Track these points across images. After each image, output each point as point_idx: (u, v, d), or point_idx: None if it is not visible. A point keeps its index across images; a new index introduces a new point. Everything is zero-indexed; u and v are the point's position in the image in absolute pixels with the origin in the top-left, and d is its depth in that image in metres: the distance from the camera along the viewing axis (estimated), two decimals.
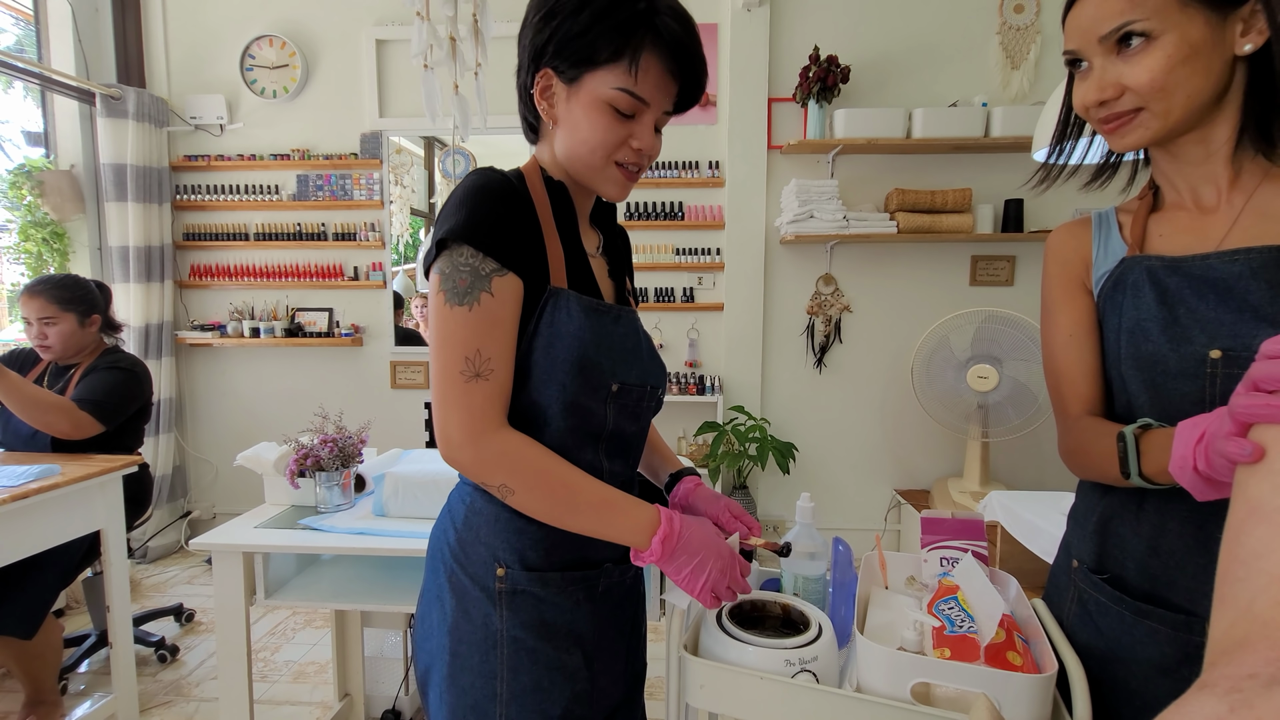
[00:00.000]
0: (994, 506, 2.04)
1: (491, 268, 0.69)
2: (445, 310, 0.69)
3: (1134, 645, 0.69)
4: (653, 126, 0.75)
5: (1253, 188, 0.67)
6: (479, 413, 0.69)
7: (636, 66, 0.70)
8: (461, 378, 0.68)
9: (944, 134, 2.73)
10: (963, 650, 0.72)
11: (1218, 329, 0.63)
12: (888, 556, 0.96)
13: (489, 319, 0.69)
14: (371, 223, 3.22)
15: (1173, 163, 0.71)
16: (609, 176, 0.77)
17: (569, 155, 0.76)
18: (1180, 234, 0.70)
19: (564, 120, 0.75)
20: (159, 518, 3.18)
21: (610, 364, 0.77)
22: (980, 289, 3.02)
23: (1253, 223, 0.65)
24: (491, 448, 0.70)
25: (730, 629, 0.77)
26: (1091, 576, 0.74)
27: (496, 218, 0.70)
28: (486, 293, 0.69)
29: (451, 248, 0.70)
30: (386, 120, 3.17)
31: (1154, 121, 0.65)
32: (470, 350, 0.68)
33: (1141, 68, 0.63)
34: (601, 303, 0.78)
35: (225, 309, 3.30)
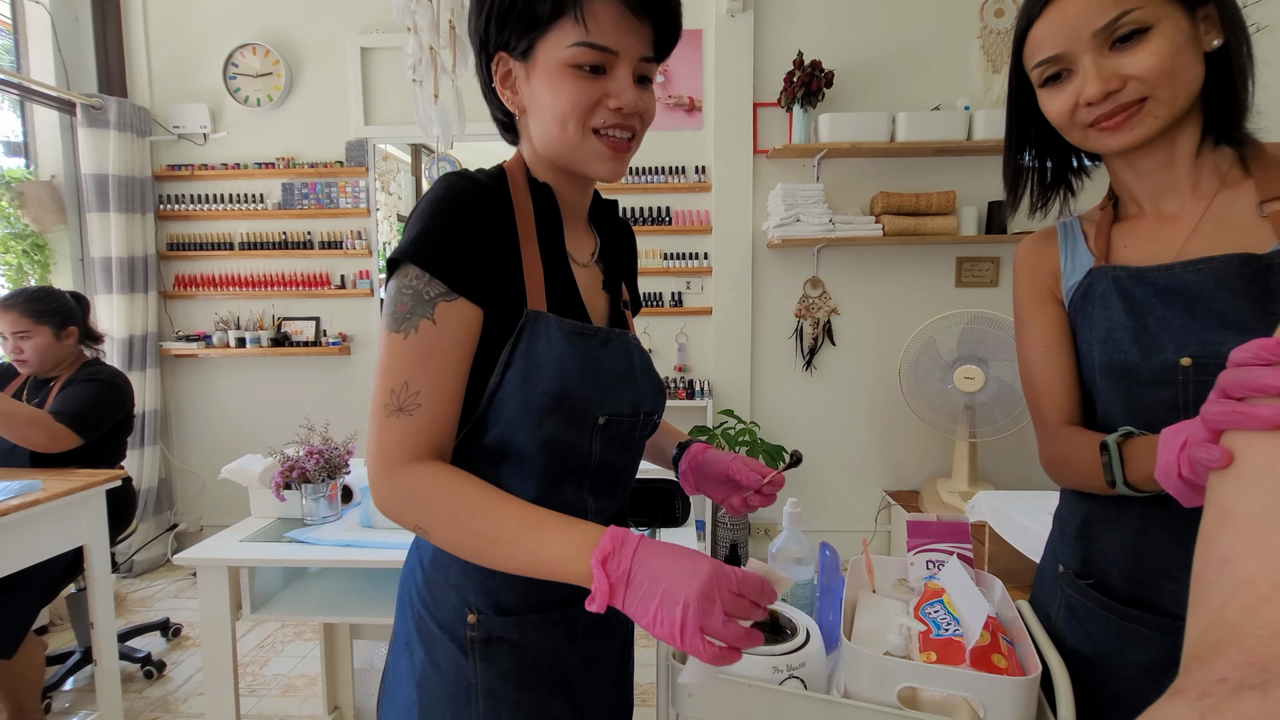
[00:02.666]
0: (981, 507, 2.05)
1: (437, 292, 0.61)
2: (384, 336, 0.63)
3: (1121, 649, 0.70)
4: (630, 78, 0.65)
5: (1211, 195, 0.67)
6: (390, 450, 0.61)
7: (582, 13, 0.61)
8: (384, 411, 0.61)
9: (927, 137, 2.76)
10: (948, 653, 0.72)
11: (1186, 337, 0.64)
12: (875, 560, 0.97)
13: (425, 349, 0.61)
14: (358, 231, 3.20)
15: (1131, 173, 0.71)
16: (591, 150, 0.66)
17: (545, 140, 0.67)
18: (1143, 243, 0.71)
19: (530, 103, 0.67)
20: (145, 531, 3.13)
21: (597, 394, 0.69)
22: (965, 290, 3.04)
23: (1212, 230, 0.66)
24: (397, 484, 0.61)
25: None
26: (1077, 582, 0.75)
27: (451, 235, 0.62)
28: (427, 319, 0.61)
29: (401, 268, 0.63)
30: (372, 128, 3.16)
31: (1161, 109, 0.64)
32: (397, 382, 0.61)
33: (1145, 54, 0.62)
34: (587, 326, 0.69)
35: (210, 319, 3.27)
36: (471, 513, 0.60)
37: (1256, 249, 0.63)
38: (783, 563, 0.88)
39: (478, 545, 0.60)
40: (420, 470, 0.61)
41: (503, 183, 0.69)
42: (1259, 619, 0.30)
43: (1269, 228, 0.63)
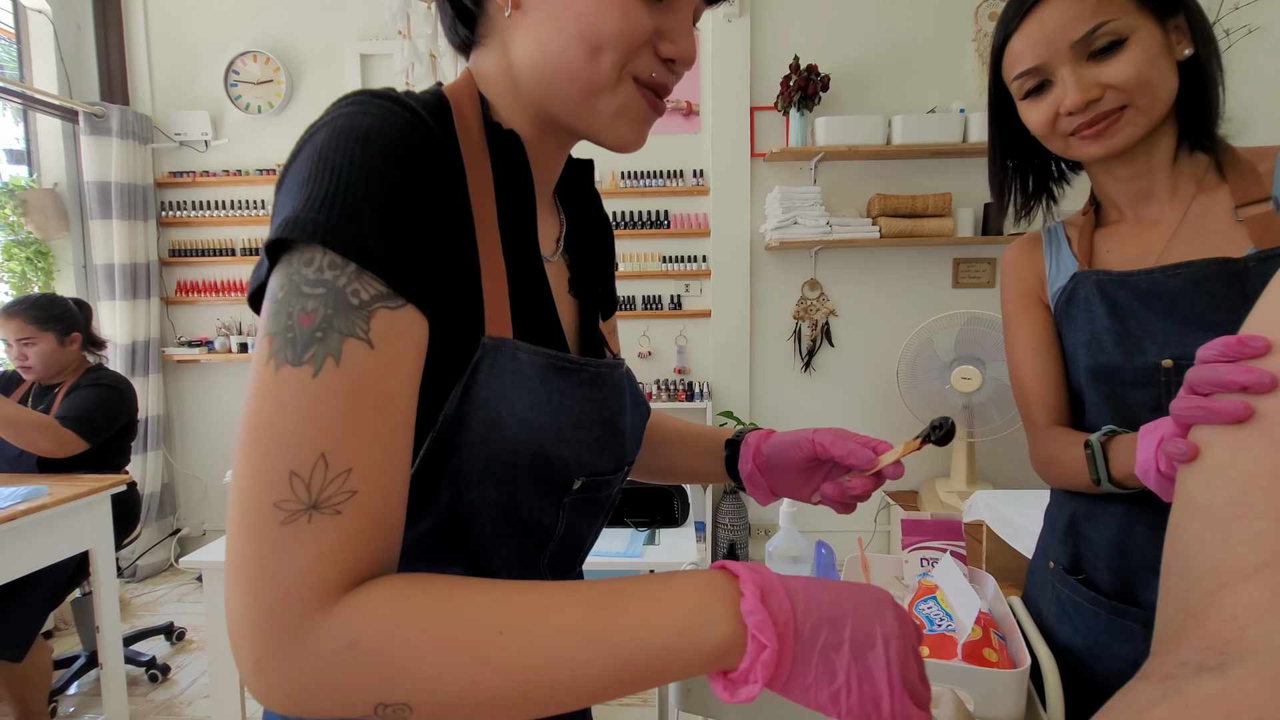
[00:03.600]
0: (979, 506, 2.07)
1: (373, 293, 0.37)
2: (264, 374, 0.35)
3: (1111, 643, 0.72)
4: (690, 20, 0.47)
5: (1188, 200, 0.69)
6: (296, 591, 0.33)
7: None
8: (274, 517, 0.33)
9: (923, 140, 2.78)
10: (941, 648, 0.74)
11: (1167, 339, 0.66)
12: (870, 558, 0.98)
13: (355, 392, 0.35)
14: None
15: (1111, 179, 0.73)
16: (620, 101, 0.46)
17: (544, 64, 0.45)
18: (1125, 247, 0.73)
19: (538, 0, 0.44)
20: (148, 536, 3.15)
21: (574, 451, 0.48)
22: (962, 291, 3.06)
23: (1191, 234, 0.68)
24: (324, 648, 0.33)
25: None
26: (1067, 577, 0.77)
27: (389, 197, 0.38)
28: (357, 341, 0.36)
29: (292, 254, 0.37)
30: None
31: (1140, 118, 0.65)
32: (304, 458, 0.34)
33: (1123, 63, 0.63)
34: (568, 358, 0.48)
35: (212, 325, 3.29)
36: (493, 630, 0.34)
37: (1233, 252, 0.64)
38: (780, 561, 0.90)
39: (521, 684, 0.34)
40: (367, 601, 0.34)
41: (447, 124, 0.44)
42: (1219, 605, 0.32)
43: (1244, 232, 0.65)
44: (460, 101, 0.47)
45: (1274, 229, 0.63)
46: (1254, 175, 0.66)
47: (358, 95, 0.41)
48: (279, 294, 0.36)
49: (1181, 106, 0.67)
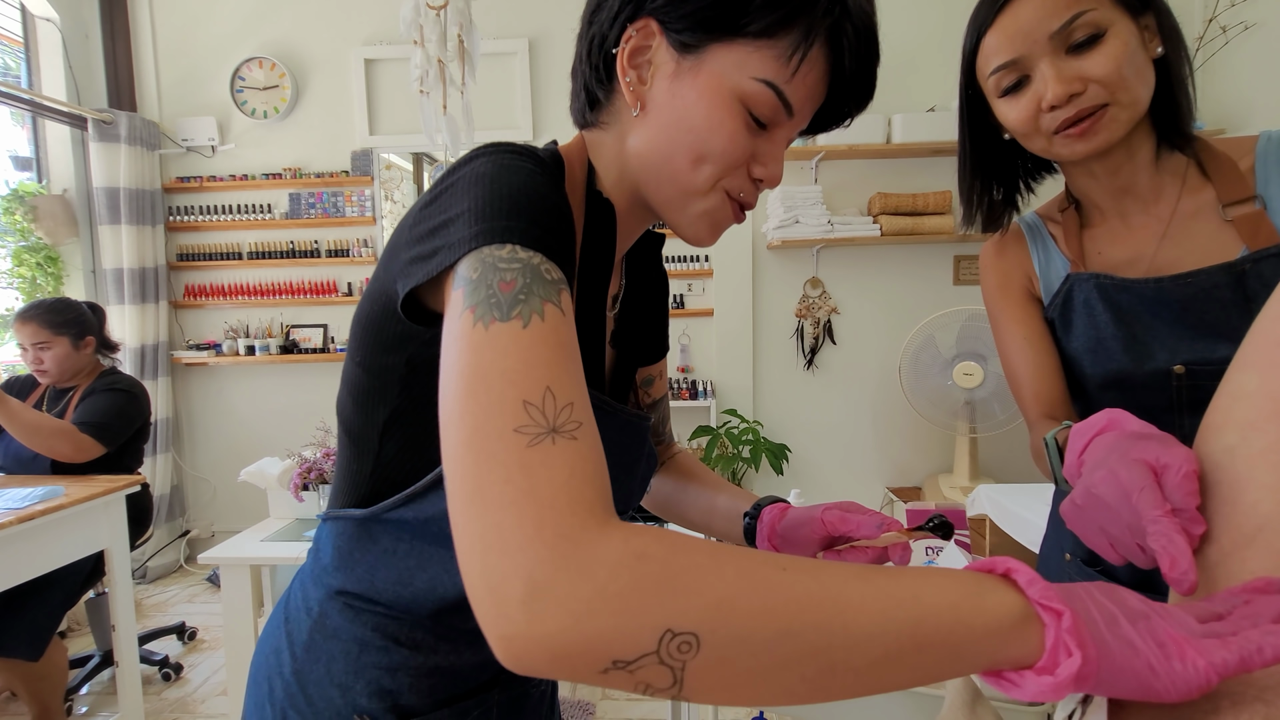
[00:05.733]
0: (982, 500, 2.09)
1: (558, 276, 0.41)
2: (474, 333, 0.37)
3: None
4: (785, 147, 0.52)
5: (1174, 199, 0.70)
6: (565, 499, 0.33)
7: (804, 55, 0.47)
8: (517, 441, 0.34)
9: (922, 138, 2.80)
10: None
11: (1178, 345, 0.67)
12: None
13: (561, 343, 0.38)
14: (364, 239, 3.26)
15: (1090, 179, 0.73)
16: (707, 207, 0.51)
17: (652, 159, 0.51)
18: (1115, 249, 0.73)
19: (662, 106, 0.49)
20: (158, 537, 3.18)
21: None
22: (963, 288, 3.08)
23: (1181, 236, 0.69)
24: (612, 553, 0.31)
25: None
26: (1086, 569, 0.77)
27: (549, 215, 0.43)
28: (553, 305, 0.39)
29: (479, 251, 0.40)
30: (377, 138, 3.21)
31: (1122, 114, 0.65)
32: (533, 390, 0.36)
33: (1103, 56, 0.63)
34: (608, 402, 0.53)
35: (220, 328, 3.32)
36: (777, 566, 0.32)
37: (1225, 253, 0.66)
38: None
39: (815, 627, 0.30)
40: (640, 528, 0.33)
41: (559, 177, 0.52)
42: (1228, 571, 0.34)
43: (1234, 232, 0.66)
44: (572, 163, 0.55)
45: (1264, 229, 0.64)
46: (1236, 173, 0.67)
47: (502, 145, 0.48)
48: (473, 275, 0.39)
49: (1154, 107, 0.67)
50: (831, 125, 0.55)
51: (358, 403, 0.52)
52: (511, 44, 3.09)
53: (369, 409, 0.51)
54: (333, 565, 0.54)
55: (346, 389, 0.53)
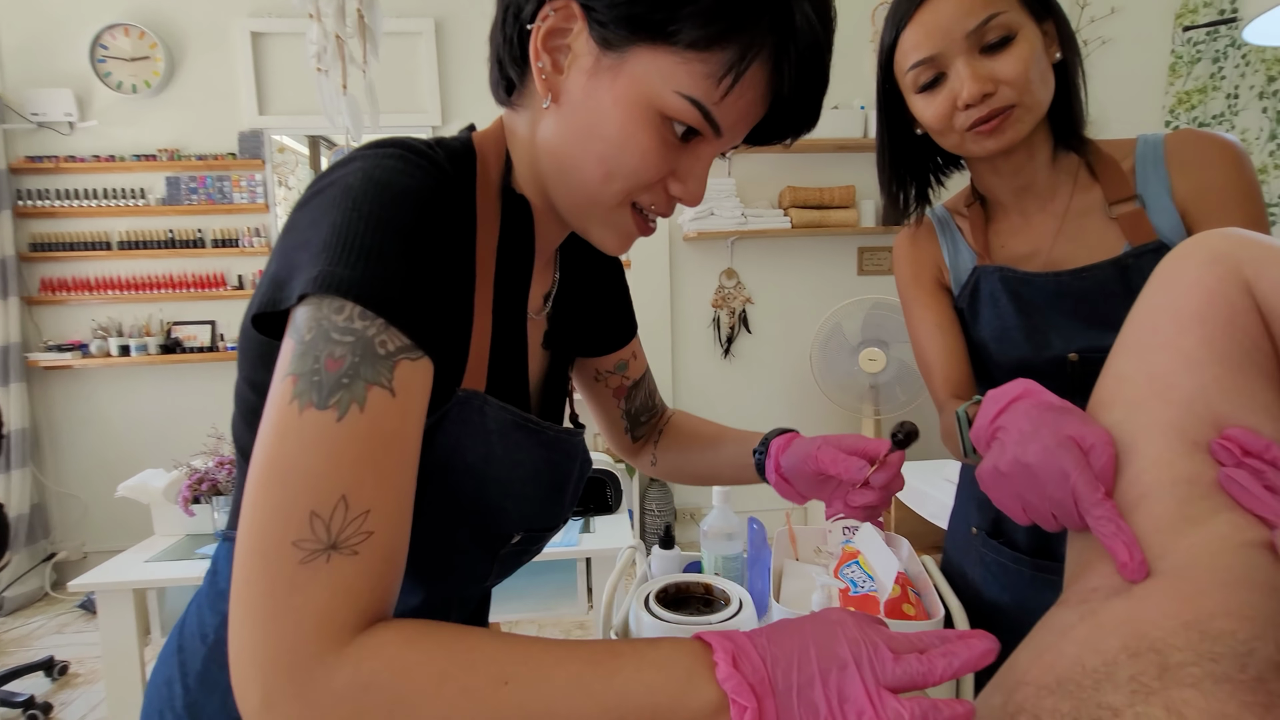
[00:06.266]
0: None
1: (398, 345, 0.38)
2: (287, 413, 0.36)
3: (1035, 596, 0.79)
4: (709, 165, 0.48)
5: (1068, 197, 0.76)
6: (317, 626, 0.34)
7: (737, 79, 0.42)
8: (294, 555, 0.34)
9: (827, 135, 2.92)
10: (865, 607, 0.80)
11: (1073, 334, 0.72)
12: (796, 530, 1.04)
13: (376, 438, 0.37)
14: (256, 228, 3.01)
15: (995, 176, 0.78)
16: (615, 222, 0.48)
17: (559, 162, 0.47)
18: (1016, 242, 0.79)
19: (576, 104, 0.45)
20: (17, 563, 2.82)
21: (519, 507, 0.51)
22: (867, 278, 3.25)
23: (1074, 231, 0.75)
24: (345, 685, 0.33)
25: (658, 612, 0.81)
26: (990, 541, 0.83)
27: (410, 257, 0.39)
28: (380, 389, 0.37)
29: (317, 300, 0.38)
30: (268, 118, 2.97)
31: (1027, 115, 0.68)
32: (325, 498, 0.35)
33: (1013, 59, 0.66)
34: (533, 420, 0.51)
35: (87, 326, 2.98)
36: (499, 680, 0.35)
37: (1111, 249, 0.72)
38: (715, 539, 0.94)
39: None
40: (380, 644, 0.35)
41: (469, 175, 0.48)
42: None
43: (1118, 229, 0.72)
44: (487, 155, 0.50)
45: (1143, 226, 0.70)
46: (1119, 173, 0.73)
47: (392, 144, 0.43)
48: (306, 336, 0.37)
49: (1052, 109, 0.72)
50: (768, 142, 0.50)
51: (248, 423, 0.48)
52: (417, 23, 2.95)
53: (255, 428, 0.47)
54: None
55: (237, 407, 0.49)
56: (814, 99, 0.46)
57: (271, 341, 0.41)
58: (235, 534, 0.49)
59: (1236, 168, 0.69)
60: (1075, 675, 0.31)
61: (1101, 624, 0.33)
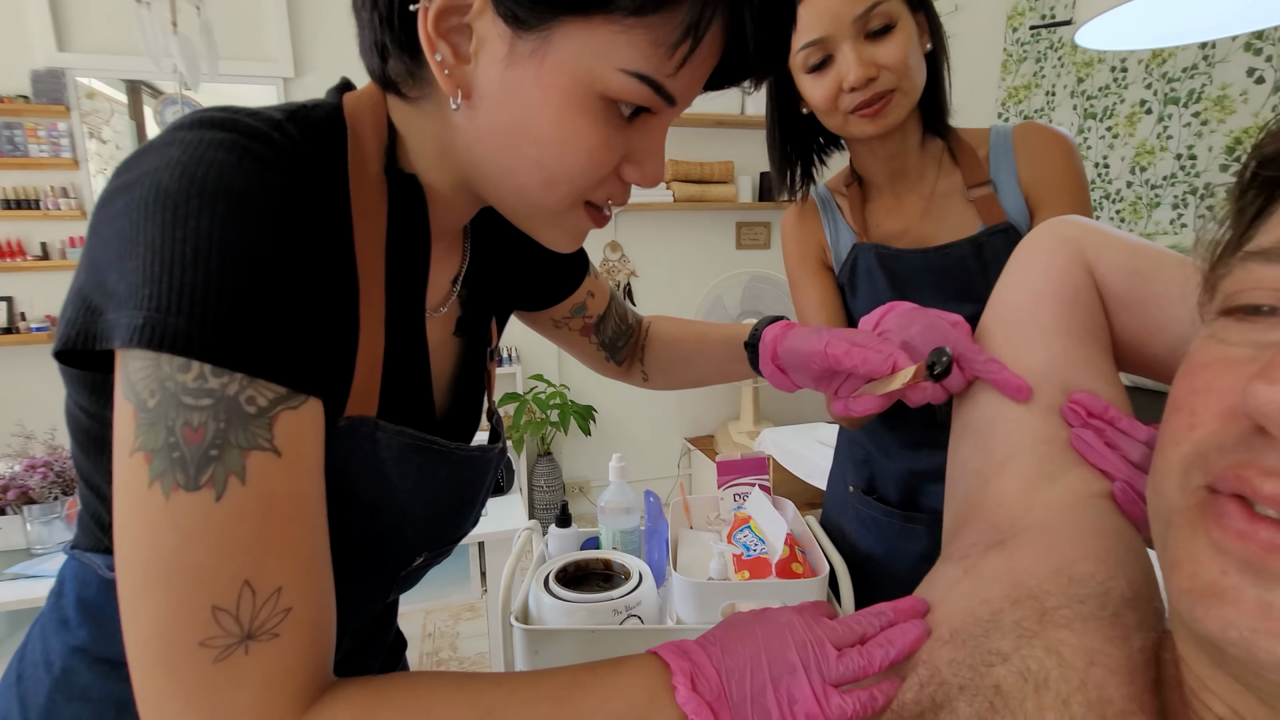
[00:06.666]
0: (766, 442, 2.36)
1: (271, 398, 0.32)
2: (149, 500, 0.30)
3: (903, 544, 0.87)
4: (665, 137, 0.42)
5: (933, 180, 0.83)
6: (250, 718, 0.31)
7: (695, 45, 0.35)
8: (206, 656, 0.30)
9: (707, 110, 2.97)
10: (758, 569, 0.84)
11: (936, 305, 0.78)
12: (690, 500, 1.07)
13: (272, 507, 0.32)
14: (63, 187, 2.56)
15: (872, 158, 0.83)
16: (564, 223, 0.43)
17: (489, 170, 0.40)
18: (889, 221, 0.85)
19: (495, 102, 0.37)
20: None
21: (421, 531, 0.47)
22: (744, 252, 3.39)
23: (939, 212, 0.82)
24: None
25: (558, 592, 0.81)
26: (865, 497, 0.91)
27: (274, 278, 0.32)
28: (261, 452, 0.32)
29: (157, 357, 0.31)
30: (70, 56, 2.51)
31: (905, 100, 0.72)
32: (224, 590, 0.31)
33: (894, 46, 0.70)
34: (436, 443, 0.45)
35: None
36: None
37: (968, 229, 0.79)
38: (613, 514, 0.94)
39: None
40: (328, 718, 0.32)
41: (338, 156, 0.38)
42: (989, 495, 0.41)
43: (974, 211, 0.79)
44: (362, 128, 0.40)
45: (995, 208, 0.78)
46: (976, 160, 0.81)
47: (222, 122, 0.33)
48: (149, 401, 0.30)
49: (920, 97, 0.77)
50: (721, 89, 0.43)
51: (81, 447, 0.41)
52: None
53: (93, 456, 0.40)
54: (77, 620, 0.43)
55: (68, 425, 0.42)
56: (783, 39, 0.39)
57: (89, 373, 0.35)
58: (80, 555, 0.44)
59: (1070, 158, 0.78)
60: (967, 626, 0.34)
61: (983, 576, 0.36)
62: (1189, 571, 0.22)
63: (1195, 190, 2.06)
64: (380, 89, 0.42)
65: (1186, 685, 0.27)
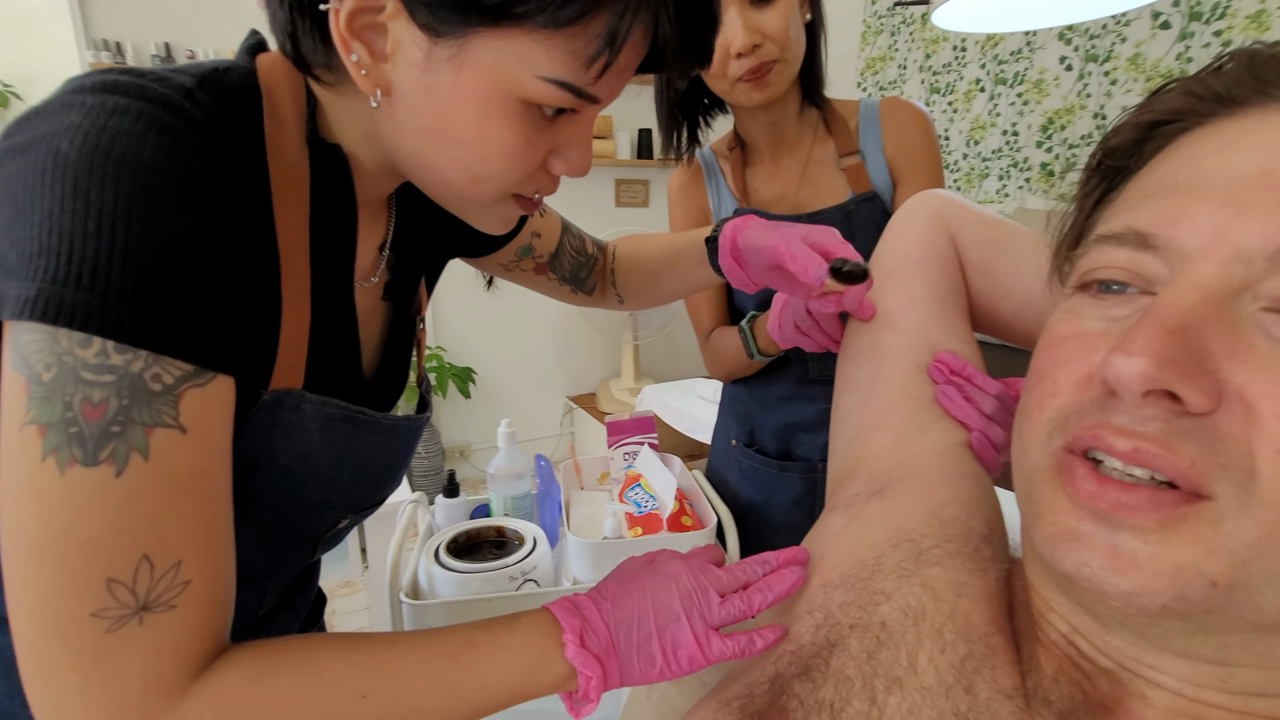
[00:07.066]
0: (648, 399, 2.41)
1: (178, 375, 0.31)
2: (42, 474, 0.29)
3: (779, 491, 0.93)
4: (592, 128, 0.42)
5: (809, 148, 0.87)
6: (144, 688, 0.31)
7: (615, 52, 0.35)
8: (97, 627, 0.30)
9: None
10: (650, 525, 0.87)
11: None
12: (581, 461, 1.08)
13: (175, 483, 0.32)
14: None
15: (755, 125, 0.86)
16: (493, 213, 0.44)
17: (414, 164, 0.40)
18: (768, 186, 0.89)
19: (415, 104, 0.36)
20: None
21: (347, 496, 0.48)
22: (623, 210, 3.38)
23: (814, 178, 0.86)
24: None
25: (451, 564, 0.79)
26: (746, 450, 0.97)
27: (185, 252, 0.31)
28: (165, 429, 0.31)
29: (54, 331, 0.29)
30: None
31: (787, 70, 0.75)
32: (121, 563, 0.30)
33: (777, 15, 0.71)
34: (363, 413, 0.45)
35: None
36: (357, 695, 0.34)
37: (840, 194, 0.84)
38: (505, 480, 0.93)
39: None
40: (224, 686, 0.32)
41: (254, 125, 0.37)
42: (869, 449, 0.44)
43: (845, 179, 0.84)
44: (278, 97, 0.38)
45: (863, 178, 0.84)
46: (846, 130, 0.85)
47: (127, 87, 0.31)
48: (43, 375, 0.29)
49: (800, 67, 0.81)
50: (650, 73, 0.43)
51: None
52: None
53: None
54: None
55: None
56: (704, 40, 0.39)
57: None
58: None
59: (929, 134, 0.84)
60: (854, 570, 0.37)
61: (866, 523, 0.39)
62: (1050, 520, 0.26)
63: (1017, 164, 2.33)
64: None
65: (1034, 608, 0.32)
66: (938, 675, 0.30)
